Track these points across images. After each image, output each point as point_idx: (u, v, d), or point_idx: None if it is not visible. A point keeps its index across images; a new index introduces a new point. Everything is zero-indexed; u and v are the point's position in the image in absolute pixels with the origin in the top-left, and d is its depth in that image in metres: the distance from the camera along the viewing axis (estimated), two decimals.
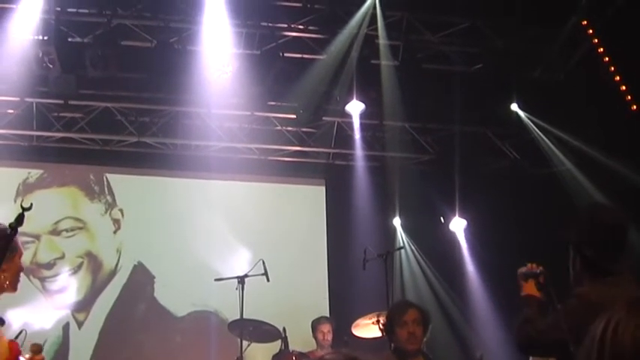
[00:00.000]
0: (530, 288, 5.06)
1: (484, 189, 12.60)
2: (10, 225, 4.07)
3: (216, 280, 10.19)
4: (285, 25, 11.47)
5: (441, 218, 13.19)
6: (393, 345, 6.96)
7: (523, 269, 5.06)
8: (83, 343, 11.93)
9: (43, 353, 4.71)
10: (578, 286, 4.79)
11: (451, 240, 13.08)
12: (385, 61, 11.72)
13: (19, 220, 4.06)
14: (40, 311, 11.74)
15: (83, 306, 12.17)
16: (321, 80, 11.82)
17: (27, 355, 4.63)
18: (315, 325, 10.69)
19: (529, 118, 12.56)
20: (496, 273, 11.48)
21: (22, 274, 4.58)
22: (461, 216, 12.95)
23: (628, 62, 11.17)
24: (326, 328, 10.65)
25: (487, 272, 12.44)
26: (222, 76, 11.49)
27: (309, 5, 11.47)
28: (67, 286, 12.19)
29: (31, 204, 4.03)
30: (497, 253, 11.49)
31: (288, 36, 11.54)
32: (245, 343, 9.61)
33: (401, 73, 11.74)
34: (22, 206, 4.01)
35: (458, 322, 12.40)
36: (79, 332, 11.98)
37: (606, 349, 1.88)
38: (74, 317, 12.06)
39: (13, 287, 4.57)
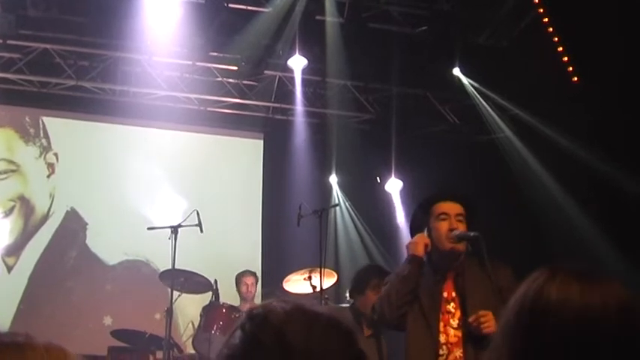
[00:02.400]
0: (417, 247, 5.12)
1: (422, 152, 12.67)
2: None
3: (149, 229, 10.09)
4: None
5: (378, 178, 13.24)
6: (353, 303, 7.10)
7: (457, 232, 5.09)
8: (12, 287, 11.82)
9: None
10: None
11: (386, 200, 13.14)
12: (330, 18, 11.65)
13: None
14: None
15: (13, 250, 12.03)
16: (265, 33, 11.74)
17: None
18: (240, 277, 10.64)
19: (471, 84, 12.61)
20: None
21: None
22: (397, 177, 13.01)
23: (571, 33, 11.25)
24: (250, 280, 10.64)
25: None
26: (166, 23, 11.35)
27: None
28: None
29: None
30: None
31: None
32: (176, 293, 9.54)
33: (346, 30, 11.70)
34: None
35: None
36: (9, 276, 11.86)
37: (525, 308, 1.90)
38: (4, 261, 11.92)
39: None
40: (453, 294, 5.08)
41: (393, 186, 13.05)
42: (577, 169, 11.00)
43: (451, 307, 5.04)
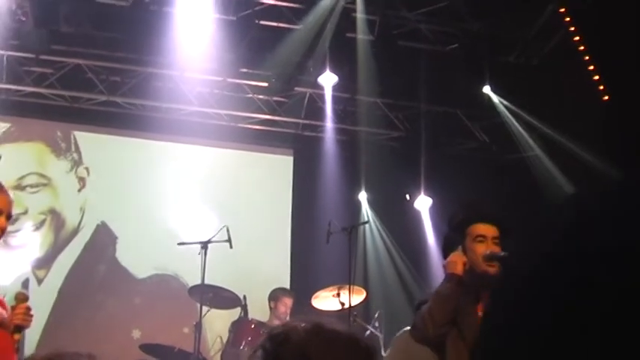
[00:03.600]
0: (456, 266, 5.11)
1: (451, 169, 12.65)
2: None
3: (180, 244, 10.16)
4: None
5: (407, 196, 13.23)
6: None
7: (487, 252, 5.08)
8: (42, 300, 11.85)
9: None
10: None
11: (416, 218, 13.12)
12: (361, 35, 11.71)
13: None
14: (0, 266, 11.67)
15: (44, 263, 12.10)
16: (296, 50, 11.79)
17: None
18: (280, 296, 10.54)
19: (501, 102, 12.59)
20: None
21: None
22: (426, 194, 12.98)
23: (602, 52, 11.22)
24: (290, 302, 10.58)
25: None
26: (197, 40, 11.43)
27: None
28: (29, 242, 12.10)
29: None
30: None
31: (265, 3, 11.47)
32: (205, 309, 9.59)
33: (376, 48, 11.76)
34: None
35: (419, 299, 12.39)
36: (39, 289, 11.91)
37: None
38: (34, 274, 11.99)
39: None
40: None
41: (423, 203, 13.02)
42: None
43: None
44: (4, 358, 4.44)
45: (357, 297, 9.48)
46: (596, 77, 11.64)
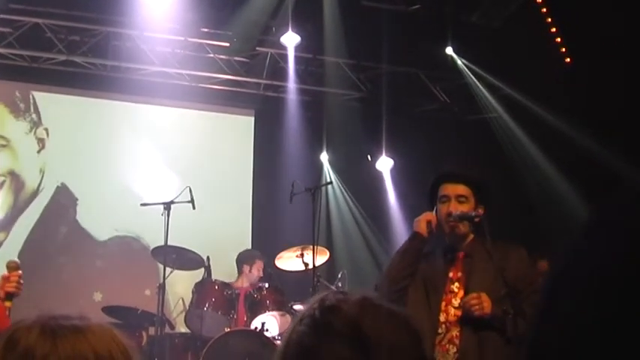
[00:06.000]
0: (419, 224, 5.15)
1: (413, 130, 12.68)
2: None
3: (142, 205, 10.06)
4: None
5: (368, 156, 13.24)
6: None
7: (457, 212, 5.09)
8: (2, 263, 11.71)
9: None
10: None
11: (377, 179, 13.14)
12: None
13: None
14: None
15: (3, 226, 11.95)
16: (258, 9, 11.71)
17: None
18: (256, 259, 10.49)
19: (464, 64, 12.60)
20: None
21: None
22: (388, 155, 12.99)
23: (565, 15, 11.25)
24: (262, 265, 10.61)
25: (411, 212, 12.50)
26: None
27: None
28: None
29: None
30: (422, 194, 11.54)
31: None
32: (167, 270, 9.53)
33: (340, 8, 11.68)
34: None
35: (381, 259, 12.45)
36: None
37: None
38: None
39: None
40: (459, 274, 5.10)
41: (384, 164, 13.04)
42: (569, 149, 11.02)
43: (455, 286, 5.06)
44: None
45: (321, 257, 9.48)
46: (558, 39, 11.67)
